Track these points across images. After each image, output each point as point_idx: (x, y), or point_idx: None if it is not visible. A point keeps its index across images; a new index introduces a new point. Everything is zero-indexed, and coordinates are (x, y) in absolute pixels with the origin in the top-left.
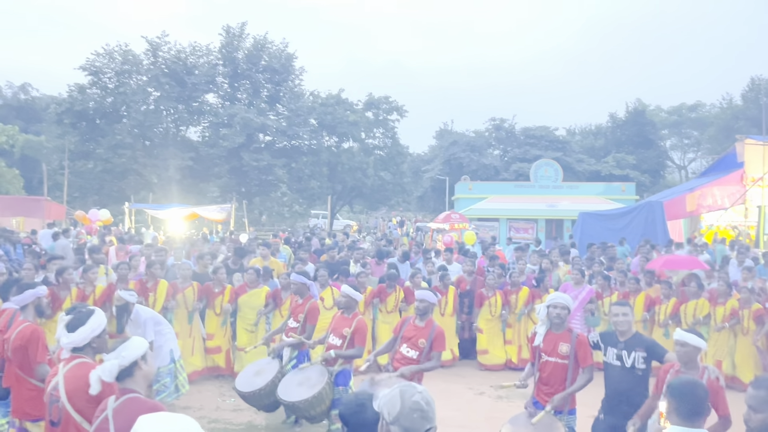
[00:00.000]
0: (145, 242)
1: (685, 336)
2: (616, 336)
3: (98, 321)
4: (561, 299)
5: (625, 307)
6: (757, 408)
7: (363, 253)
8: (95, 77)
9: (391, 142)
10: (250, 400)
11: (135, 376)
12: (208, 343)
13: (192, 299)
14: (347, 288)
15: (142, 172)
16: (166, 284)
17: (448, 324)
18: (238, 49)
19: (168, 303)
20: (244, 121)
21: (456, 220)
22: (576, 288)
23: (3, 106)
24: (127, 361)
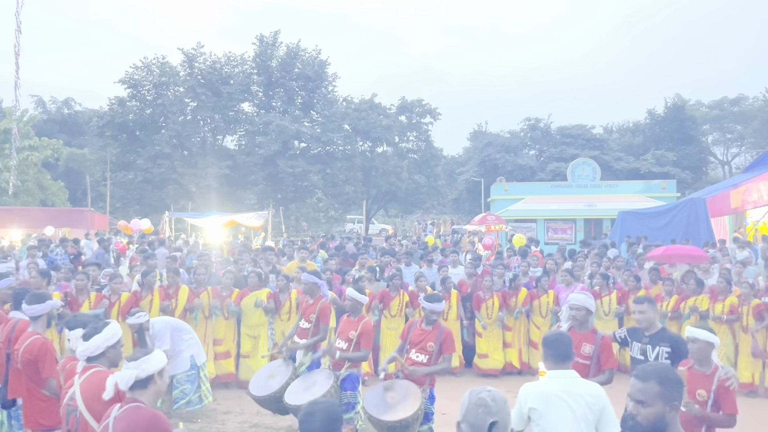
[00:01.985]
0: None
1: (695, 332)
2: (642, 331)
3: (113, 331)
4: (578, 301)
5: (643, 304)
6: (648, 401)
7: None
8: (134, 90)
9: (425, 145)
10: (265, 404)
11: (148, 389)
12: (217, 349)
13: (208, 304)
14: (352, 291)
15: (181, 181)
16: (187, 290)
17: (452, 329)
18: (271, 58)
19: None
20: (279, 129)
21: (492, 222)
22: (567, 289)
23: (47, 121)
24: (145, 373)
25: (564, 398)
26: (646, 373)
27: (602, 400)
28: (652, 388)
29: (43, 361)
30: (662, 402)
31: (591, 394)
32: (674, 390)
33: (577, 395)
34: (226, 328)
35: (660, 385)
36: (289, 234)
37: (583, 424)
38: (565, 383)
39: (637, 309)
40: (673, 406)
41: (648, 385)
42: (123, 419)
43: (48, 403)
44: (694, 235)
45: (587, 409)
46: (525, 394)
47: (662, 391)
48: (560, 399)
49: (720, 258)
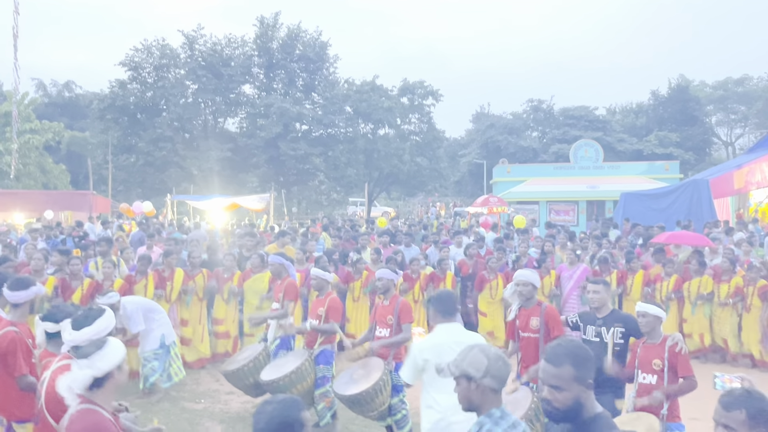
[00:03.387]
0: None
1: (645, 307)
2: (594, 314)
3: (105, 323)
4: (524, 276)
5: (599, 285)
6: (563, 385)
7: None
8: (135, 72)
9: (427, 127)
10: (233, 379)
11: (105, 387)
12: (217, 328)
13: (202, 286)
14: (316, 270)
15: (183, 164)
16: (182, 273)
17: (419, 308)
18: (272, 40)
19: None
20: (281, 111)
21: (495, 204)
22: (571, 268)
23: (49, 104)
24: (102, 372)
25: (453, 347)
26: (559, 357)
27: None
28: (568, 372)
29: (14, 356)
30: (577, 384)
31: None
32: (587, 369)
33: (464, 344)
34: (227, 309)
35: (575, 368)
36: (291, 217)
37: None
38: (454, 334)
39: (592, 289)
40: (588, 385)
41: (562, 370)
42: (76, 422)
43: (22, 394)
44: (697, 216)
45: None
46: (419, 348)
47: (577, 374)
48: (450, 348)
49: (724, 239)
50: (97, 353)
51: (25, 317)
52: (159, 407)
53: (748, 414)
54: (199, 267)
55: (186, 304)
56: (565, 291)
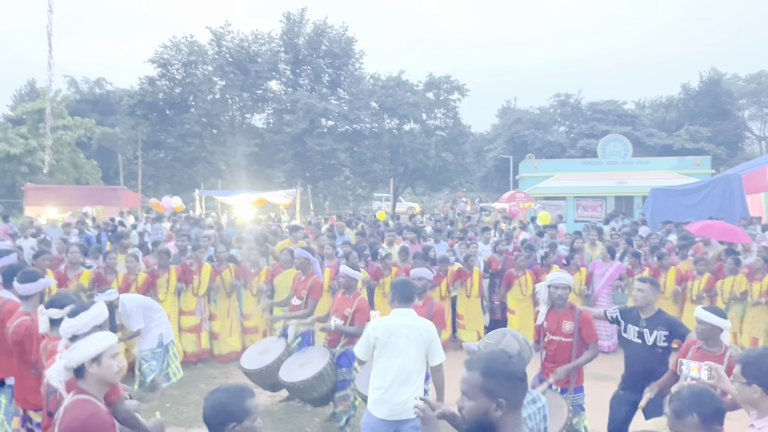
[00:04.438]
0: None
1: (704, 314)
2: (638, 313)
3: (101, 310)
4: (562, 279)
5: (645, 284)
6: (470, 394)
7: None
8: (164, 69)
9: (453, 122)
10: (255, 378)
11: (86, 377)
12: (246, 323)
13: (229, 281)
14: (346, 268)
15: (211, 159)
16: (209, 267)
17: (473, 306)
18: (298, 35)
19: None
20: (307, 107)
21: (521, 199)
22: (604, 265)
23: (80, 101)
24: (74, 363)
25: (403, 330)
26: (473, 362)
27: (432, 333)
28: (475, 379)
29: (30, 343)
30: (485, 397)
31: (425, 328)
32: (502, 385)
33: (414, 328)
34: (255, 303)
35: (483, 376)
36: (316, 212)
37: (415, 350)
38: (406, 319)
39: (638, 287)
40: (500, 404)
41: (471, 375)
42: (68, 411)
43: (37, 382)
44: (729, 212)
45: (420, 338)
46: (373, 326)
47: (485, 384)
48: (400, 330)
49: (759, 235)
50: (73, 345)
51: (36, 308)
52: (189, 399)
53: (701, 417)
54: (226, 262)
55: (213, 300)
56: (596, 289)
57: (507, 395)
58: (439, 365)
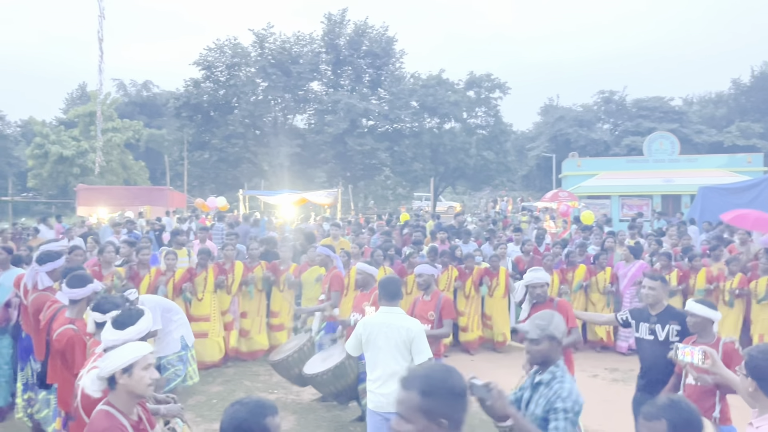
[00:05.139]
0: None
1: (694, 307)
2: (647, 310)
3: (146, 323)
4: (538, 279)
5: (655, 281)
6: (407, 416)
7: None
8: (208, 71)
9: (494, 120)
10: (281, 370)
11: (116, 389)
12: (273, 321)
13: (261, 278)
14: (362, 264)
15: (254, 160)
16: (242, 265)
17: (500, 306)
18: (339, 36)
19: (244, 280)
20: (348, 107)
21: (564, 198)
22: (627, 265)
23: (128, 104)
24: (105, 373)
25: (383, 328)
26: (409, 380)
27: (413, 332)
28: (412, 399)
29: (72, 353)
30: (425, 418)
31: (405, 326)
32: (443, 404)
33: (394, 326)
34: (282, 301)
35: (422, 396)
36: (357, 211)
37: (395, 348)
38: (389, 317)
39: (648, 284)
40: (441, 425)
41: (408, 395)
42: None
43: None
44: None
45: (399, 338)
46: (362, 323)
47: (423, 404)
48: (380, 328)
49: None
50: (106, 355)
51: (82, 314)
52: (234, 396)
53: (669, 424)
54: (257, 259)
55: (249, 296)
56: (621, 288)
57: (448, 414)
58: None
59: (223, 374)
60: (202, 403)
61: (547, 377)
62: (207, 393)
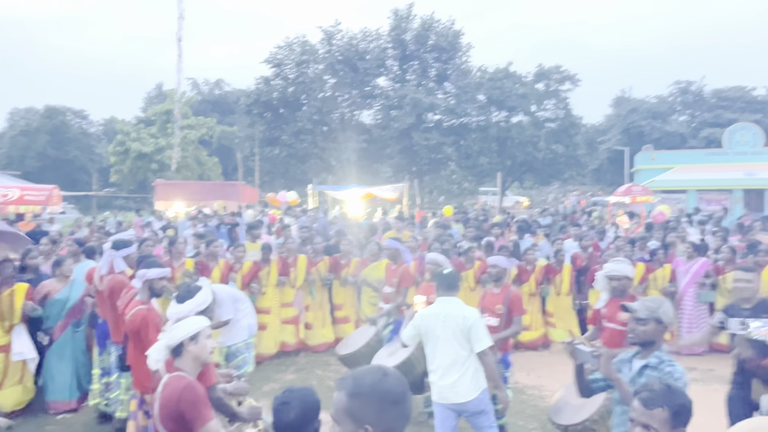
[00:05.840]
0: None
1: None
2: (739, 305)
3: (205, 296)
4: (618, 270)
5: (750, 274)
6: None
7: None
8: (278, 69)
9: (564, 113)
10: (349, 363)
11: (183, 356)
12: (337, 314)
13: (324, 272)
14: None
15: (322, 155)
16: (305, 259)
17: (564, 303)
18: (406, 31)
19: (308, 276)
20: (414, 102)
21: (638, 193)
22: (688, 262)
23: (202, 102)
24: (174, 341)
25: (441, 318)
26: (342, 381)
27: (470, 320)
28: (341, 400)
29: (146, 332)
30: (350, 421)
31: (462, 315)
32: (369, 409)
33: (451, 315)
34: (345, 294)
35: (349, 398)
36: (421, 207)
37: (452, 337)
38: (446, 307)
39: (743, 278)
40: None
41: (338, 396)
42: (166, 387)
43: None
44: None
45: (457, 326)
46: (419, 314)
47: (349, 407)
48: (437, 318)
49: None
50: (174, 325)
51: (150, 296)
52: (308, 385)
53: (672, 412)
54: (321, 254)
55: (311, 291)
56: (681, 287)
57: (375, 421)
58: (483, 351)
59: (296, 363)
60: (275, 390)
61: (655, 361)
62: (281, 381)
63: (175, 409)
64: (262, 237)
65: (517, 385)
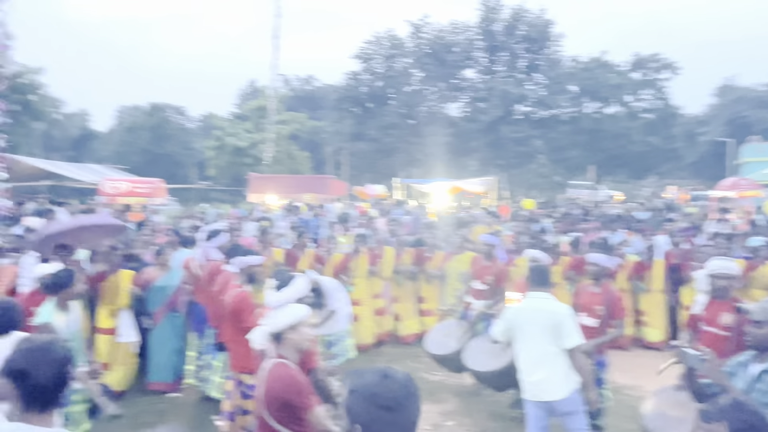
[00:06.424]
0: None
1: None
2: None
3: (302, 284)
4: (724, 269)
5: None
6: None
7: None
8: (366, 64)
9: (661, 103)
10: (440, 362)
11: (283, 342)
12: (423, 306)
13: (409, 264)
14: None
15: (408, 149)
16: (392, 251)
17: (656, 301)
18: (495, 22)
19: (397, 268)
20: (503, 94)
21: (745, 187)
22: None
23: (293, 97)
24: (275, 328)
25: (530, 314)
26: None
27: (560, 315)
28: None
29: (244, 313)
30: (346, 417)
31: (551, 310)
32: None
33: (540, 310)
34: (431, 287)
35: (348, 393)
36: (506, 201)
37: (540, 333)
38: (536, 302)
39: None
40: (355, 429)
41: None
42: (270, 375)
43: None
44: None
45: (544, 322)
46: (510, 310)
47: (347, 403)
48: (527, 314)
49: None
50: (275, 312)
51: (246, 283)
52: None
53: (731, 428)
54: (406, 246)
55: (399, 282)
56: None
57: (367, 423)
58: (573, 349)
59: (388, 354)
60: None
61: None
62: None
63: (281, 398)
64: (352, 229)
65: (613, 385)
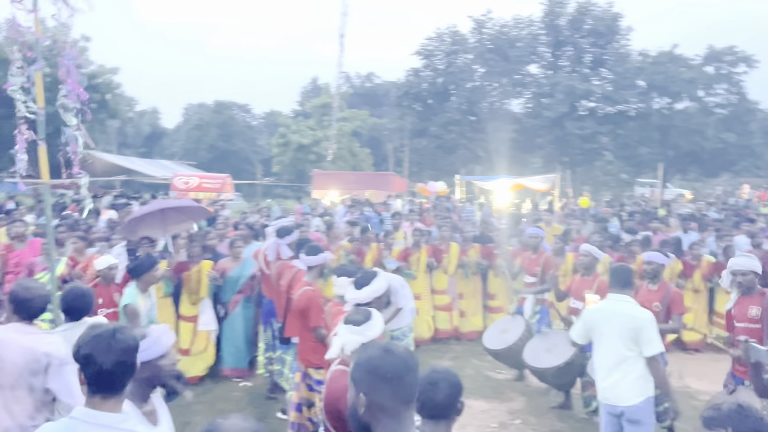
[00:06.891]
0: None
1: None
2: None
3: (381, 283)
4: (742, 265)
5: None
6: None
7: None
8: (428, 60)
9: (738, 98)
10: (498, 357)
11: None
12: (491, 303)
13: (475, 260)
14: (587, 246)
15: (470, 146)
16: (457, 246)
17: (700, 300)
18: (560, 16)
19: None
20: (568, 89)
21: None
22: None
23: (354, 95)
24: (368, 339)
25: (607, 316)
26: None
27: (640, 320)
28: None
29: (312, 311)
30: (353, 386)
31: (631, 315)
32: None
33: (619, 314)
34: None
35: (354, 366)
36: (570, 198)
37: (617, 337)
38: (615, 305)
39: None
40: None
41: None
42: (331, 382)
43: (317, 344)
44: None
45: (622, 326)
46: (588, 311)
47: (353, 374)
48: (604, 316)
49: None
50: (367, 323)
51: (316, 278)
52: (464, 373)
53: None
54: (470, 242)
55: (465, 277)
56: None
57: (369, 392)
58: (652, 357)
59: (452, 350)
60: None
61: None
62: None
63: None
64: (414, 224)
65: (688, 390)
